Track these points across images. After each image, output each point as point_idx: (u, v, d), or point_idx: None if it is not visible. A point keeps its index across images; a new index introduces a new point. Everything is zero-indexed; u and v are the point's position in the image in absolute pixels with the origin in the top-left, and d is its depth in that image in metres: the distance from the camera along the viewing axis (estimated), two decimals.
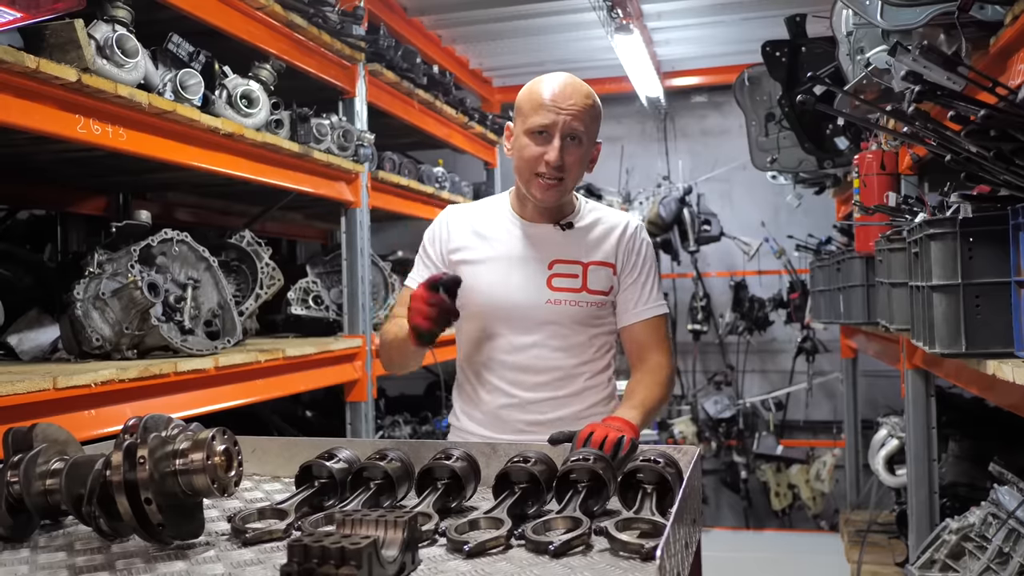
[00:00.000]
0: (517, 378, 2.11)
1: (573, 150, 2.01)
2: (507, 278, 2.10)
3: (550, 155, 1.98)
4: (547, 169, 2.00)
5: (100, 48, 2.35)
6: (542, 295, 2.08)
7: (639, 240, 2.16)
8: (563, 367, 2.10)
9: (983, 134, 1.61)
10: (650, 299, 2.14)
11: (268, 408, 4.35)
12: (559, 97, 1.99)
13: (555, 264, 2.09)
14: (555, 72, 2.07)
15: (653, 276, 2.17)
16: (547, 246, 2.11)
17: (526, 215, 2.15)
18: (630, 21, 4.82)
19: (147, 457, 1.28)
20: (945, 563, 2.69)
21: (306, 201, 4.21)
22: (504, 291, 2.09)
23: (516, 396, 2.11)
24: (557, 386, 2.10)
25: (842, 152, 4.08)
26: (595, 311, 2.11)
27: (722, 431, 6.97)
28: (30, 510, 1.41)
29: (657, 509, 1.38)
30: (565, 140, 1.99)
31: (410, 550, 1.18)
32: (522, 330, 2.09)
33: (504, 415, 2.12)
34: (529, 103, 2.02)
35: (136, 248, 2.71)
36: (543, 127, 1.99)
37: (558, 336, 2.09)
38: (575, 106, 1.99)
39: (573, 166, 2.02)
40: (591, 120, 2.03)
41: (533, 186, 2.04)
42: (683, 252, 6.81)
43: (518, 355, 2.10)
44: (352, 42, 3.76)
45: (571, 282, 2.09)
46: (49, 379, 2.12)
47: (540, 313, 2.08)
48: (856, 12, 2.34)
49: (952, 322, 2.01)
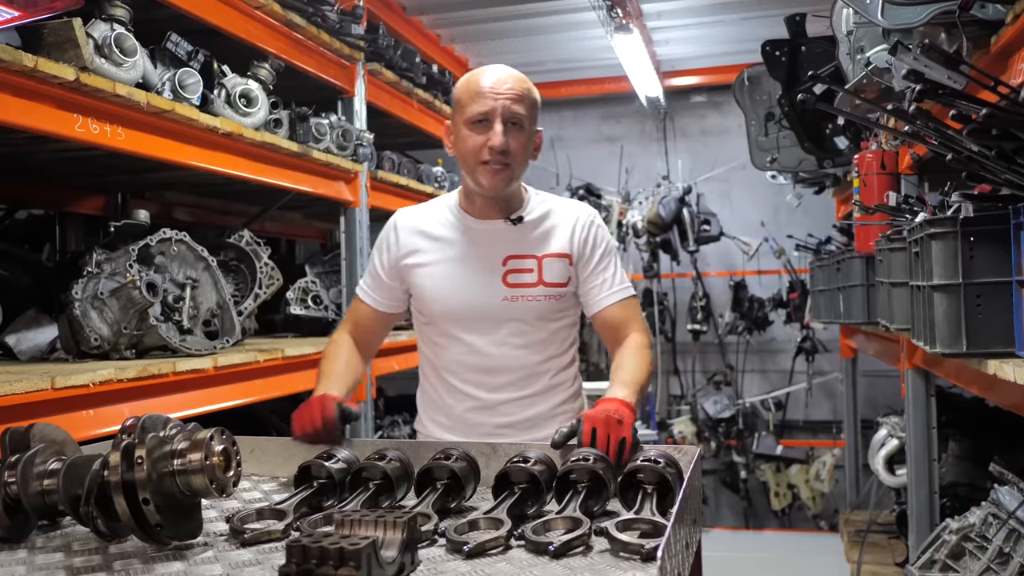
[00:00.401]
0: (481, 380, 2.08)
1: (516, 135, 1.99)
2: (461, 279, 2.07)
3: (493, 140, 1.96)
4: (491, 155, 1.97)
5: (98, 47, 2.34)
6: (498, 292, 2.05)
7: (594, 228, 2.13)
8: (527, 365, 2.08)
9: (985, 133, 1.61)
10: (615, 283, 2.11)
11: (267, 408, 4.34)
12: (496, 84, 1.99)
13: (509, 260, 2.06)
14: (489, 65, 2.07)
15: (615, 262, 2.14)
16: (499, 242, 2.08)
17: (475, 212, 2.11)
18: (630, 20, 4.81)
19: (145, 457, 1.27)
20: (945, 563, 2.69)
21: (305, 201, 4.20)
22: (459, 292, 2.07)
23: (481, 398, 2.09)
24: (523, 385, 2.08)
25: (842, 152, 4.08)
26: (554, 304, 2.08)
27: (722, 431, 6.97)
28: (27, 510, 1.41)
29: (658, 509, 1.38)
30: (507, 125, 1.98)
31: (409, 551, 1.18)
32: (482, 330, 2.07)
33: (471, 418, 2.09)
34: (467, 94, 2.01)
35: (134, 248, 2.70)
36: (483, 115, 1.97)
37: (519, 333, 2.06)
38: (512, 90, 1.99)
39: (518, 151, 2.00)
40: (530, 106, 2.02)
41: (480, 174, 2.01)
42: (683, 252, 6.80)
43: (480, 356, 2.07)
44: (351, 41, 3.76)
45: (527, 276, 2.06)
46: (47, 379, 2.12)
47: (498, 311, 2.05)
48: (857, 11, 2.34)
49: (953, 322, 2.01)
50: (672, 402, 7.45)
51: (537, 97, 2.06)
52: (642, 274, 7.15)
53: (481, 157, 1.98)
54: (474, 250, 2.08)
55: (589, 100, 7.51)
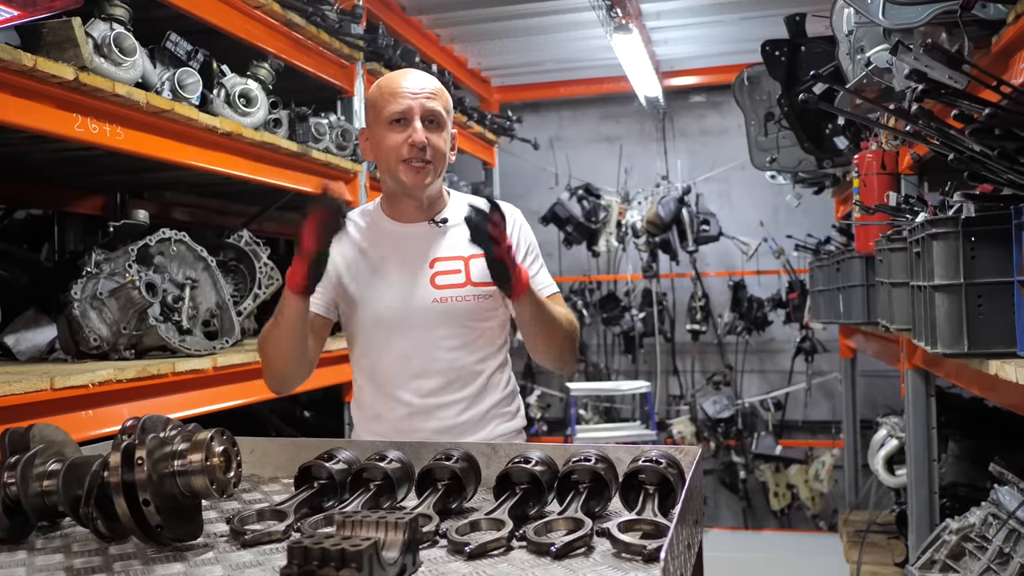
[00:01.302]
0: (416, 384, 2.05)
1: (435, 133, 2.00)
2: (390, 284, 2.05)
3: (415, 136, 1.97)
4: (412, 152, 1.98)
5: (98, 46, 2.34)
6: (427, 295, 2.03)
7: (517, 228, 2.11)
8: (462, 366, 2.05)
9: (987, 133, 1.60)
10: (540, 282, 2.09)
11: (267, 408, 4.34)
12: (411, 83, 2.01)
13: (436, 262, 2.05)
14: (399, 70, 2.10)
15: (538, 259, 2.14)
16: (425, 244, 2.07)
17: (398, 216, 2.11)
18: (629, 20, 4.81)
19: (145, 458, 1.27)
20: (945, 563, 2.69)
21: (305, 201, 4.19)
22: (389, 298, 2.05)
23: (416, 403, 2.05)
24: (458, 387, 2.05)
25: (841, 152, 4.08)
26: (484, 303, 2.06)
27: (721, 431, 6.97)
28: (27, 511, 1.40)
29: (659, 510, 1.37)
30: (425, 123, 1.99)
31: (411, 552, 1.17)
32: (414, 334, 2.04)
33: (407, 425, 2.06)
34: (381, 97, 2.02)
35: (134, 248, 2.70)
36: (400, 114, 1.98)
37: (451, 336, 2.04)
38: (426, 89, 2.01)
39: (438, 148, 2.01)
40: (446, 103, 2.04)
41: (401, 173, 2.00)
42: (682, 252, 6.80)
43: (414, 361, 2.04)
44: (350, 41, 3.75)
45: (454, 277, 2.04)
46: (46, 379, 2.11)
47: (428, 313, 2.03)
48: (858, 11, 2.34)
49: (954, 322, 2.01)
50: (671, 402, 7.45)
51: (450, 97, 2.09)
52: (641, 274, 7.16)
53: (402, 155, 1.99)
54: (400, 253, 2.07)
55: (588, 100, 7.51)
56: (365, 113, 2.10)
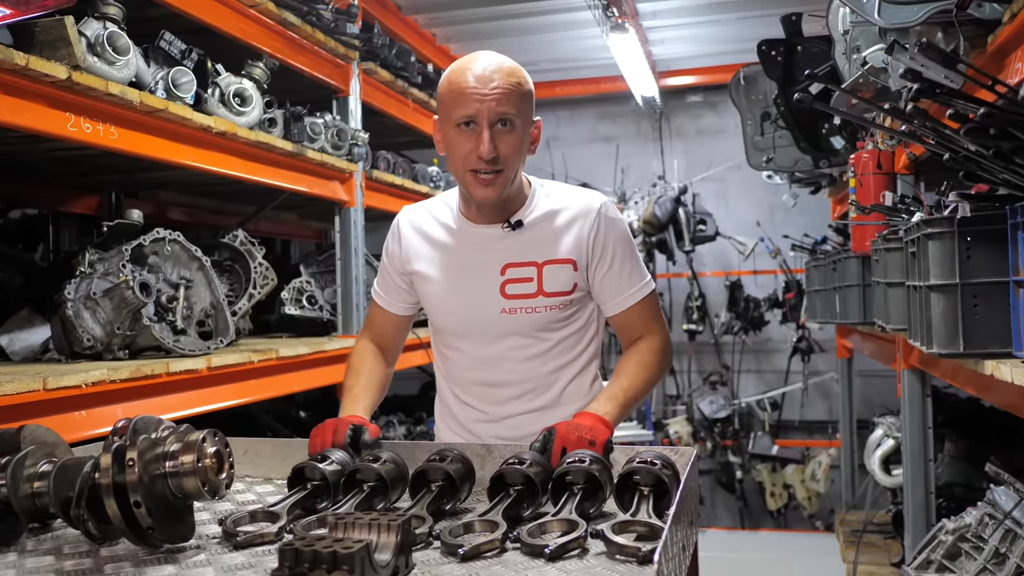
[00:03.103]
0: (486, 393, 1.98)
1: (506, 137, 1.81)
2: (459, 290, 1.96)
3: (482, 148, 1.78)
4: (481, 164, 1.80)
5: (91, 45, 2.33)
6: (496, 305, 1.92)
7: (606, 225, 1.94)
8: (534, 377, 1.96)
9: (983, 132, 1.60)
10: (632, 283, 1.96)
11: (262, 409, 4.33)
12: (481, 81, 1.79)
13: (508, 268, 1.92)
14: (476, 53, 1.87)
15: (631, 258, 1.97)
16: (497, 249, 1.93)
17: (472, 216, 1.96)
18: (625, 20, 4.80)
19: (136, 460, 1.26)
20: (941, 563, 2.68)
21: (300, 200, 4.19)
22: (457, 304, 1.96)
23: (488, 411, 1.99)
24: (529, 398, 1.96)
25: (838, 151, 4.07)
26: (556, 314, 1.93)
27: (717, 431, 6.97)
28: (17, 513, 1.39)
29: (654, 511, 1.37)
30: (495, 128, 1.80)
31: (404, 554, 1.16)
32: (483, 343, 1.96)
33: (478, 430, 2.00)
34: (450, 93, 1.82)
35: (128, 247, 2.69)
36: (468, 117, 1.79)
37: (521, 346, 1.94)
38: (499, 88, 1.79)
39: (510, 155, 1.82)
40: (521, 100, 1.82)
41: (470, 185, 1.85)
42: (678, 252, 6.80)
43: (484, 370, 1.97)
44: (346, 40, 3.75)
45: (526, 287, 1.91)
46: (39, 380, 2.10)
47: (497, 324, 1.93)
48: (854, 10, 2.33)
49: (950, 322, 2.00)
50: (668, 402, 7.45)
51: (529, 87, 1.86)
52: None
53: (469, 165, 1.82)
54: (472, 258, 1.95)
55: (585, 100, 7.50)
56: (437, 102, 1.91)
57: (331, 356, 3.67)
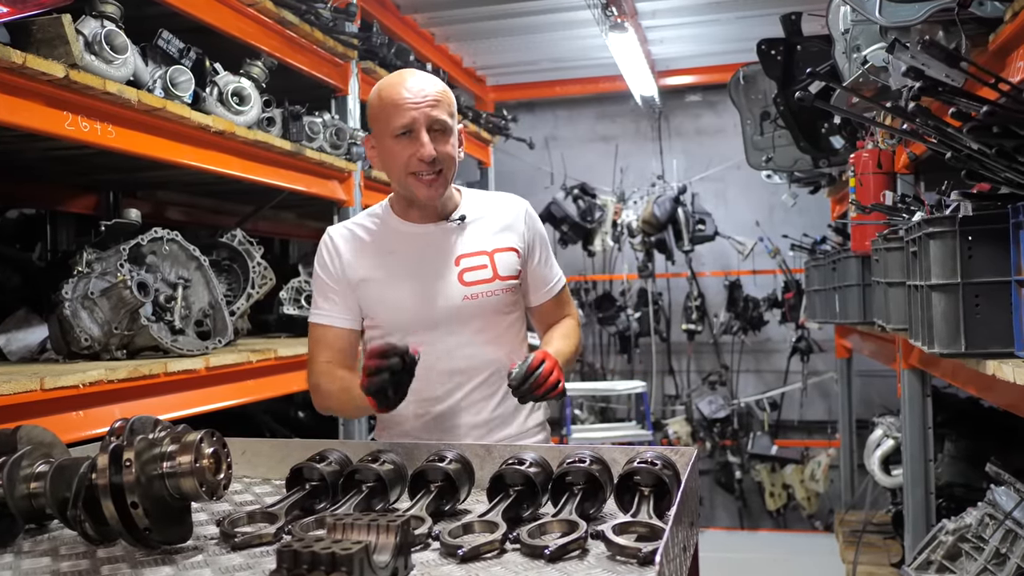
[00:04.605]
0: (450, 382, 2.04)
1: (442, 141, 1.97)
2: (419, 285, 2.03)
3: (422, 151, 1.94)
4: (422, 166, 1.95)
5: (88, 44, 2.32)
6: (457, 292, 2.04)
7: (532, 222, 2.17)
8: (493, 360, 2.05)
9: (985, 131, 1.59)
10: (554, 274, 2.20)
11: (260, 409, 4.32)
12: (412, 91, 1.95)
13: (461, 259, 2.06)
14: (400, 71, 2.04)
15: (550, 253, 2.22)
16: (447, 243, 2.07)
17: (414, 218, 2.08)
18: (624, 19, 4.80)
19: (133, 460, 1.25)
20: (941, 564, 2.68)
21: (298, 200, 4.17)
22: (420, 299, 2.03)
23: (450, 401, 2.04)
24: (491, 381, 2.06)
25: (838, 151, 4.07)
26: (509, 297, 2.09)
27: (717, 431, 6.97)
28: (14, 514, 1.38)
29: (655, 512, 1.36)
30: (432, 133, 1.96)
31: (403, 555, 1.16)
32: (447, 333, 2.03)
33: (452, 421, 2.05)
34: (383, 108, 1.97)
35: (125, 247, 2.68)
36: (405, 127, 1.94)
37: (482, 330, 2.06)
38: (430, 96, 1.96)
39: (447, 157, 1.99)
40: (450, 107, 2.02)
41: (413, 187, 1.99)
42: (677, 252, 6.80)
43: (447, 359, 2.03)
44: (345, 39, 3.74)
45: (482, 273, 2.05)
46: (36, 380, 2.09)
47: (460, 311, 2.03)
48: (854, 8, 2.32)
49: (951, 322, 2.00)
50: (667, 402, 7.44)
51: (453, 96, 2.06)
52: (637, 274, 7.15)
53: (411, 169, 1.97)
54: (423, 255, 2.05)
55: (584, 99, 7.50)
56: (368, 120, 2.05)
57: None
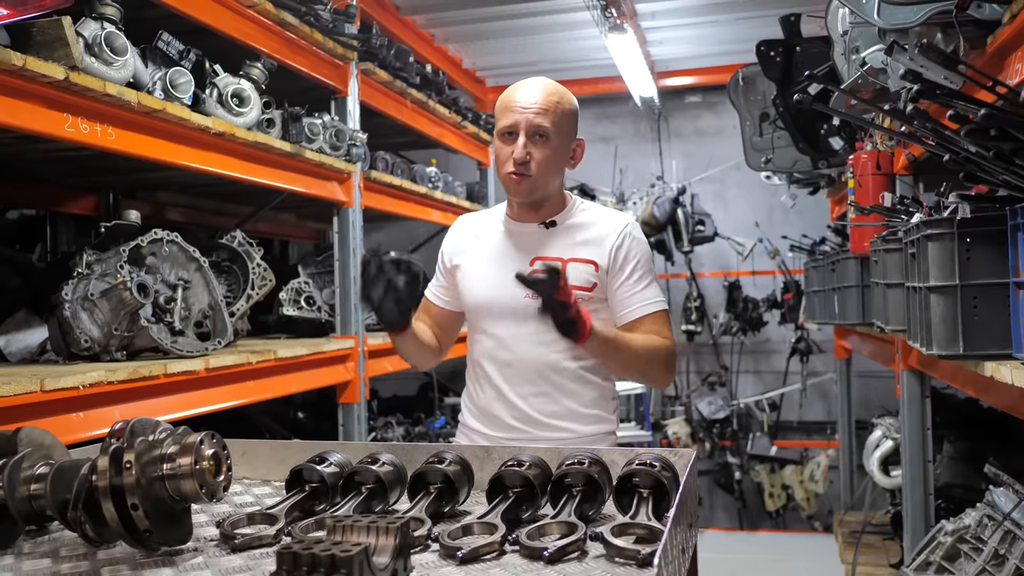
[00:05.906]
0: (506, 374, 2.18)
1: (538, 147, 2.09)
2: (490, 275, 2.20)
3: (516, 153, 2.08)
4: (513, 166, 2.09)
5: (88, 46, 2.32)
6: (521, 291, 2.08)
7: (630, 240, 2.19)
8: (549, 362, 2.15)
9: (982, 133, 1.59)
10: (646, 295, 2.17)
11: (260, 410, 4.32)
12: (523, 98, 2.10)
13: (536, 261, 2.12)
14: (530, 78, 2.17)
15: (648, 274, 2.19)
16: (530, 244, 2.19)
17: (514, 216, 2.25)
18: (624, 20, 4.80)
19: (134, 462, 1.25)
20: (940, 565, 2.68)
21: (298, 201, 4.18)
22: (486, 288, 2.20)
23: (503, 392, 2.18)
24: (539, 381, 2.16)
25: (837, 152, 4.07)
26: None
27: (716, 432, 6.96)
28: (14, 516, 1.38)
29: (653, 514, 1.36)
30: (532, 138, 2.08)
31: (402, 557, 1.16)
32: (507, 326, 2.17)
33: (494, 410, 2.20)
34: (498, 110, 2.15)
35: (125, 248, 2.68)
36: (509, 128, 2.10)
37: (539, 331, 2.10)
38: (537, 104, 2.09)
39: (540, 162, 2.09)
40: (558, 117, 2.10)
41: (505, 184, 2.15)
42: (677, 252, 6.80)
43: (503, 350, 2.18)
44: (344, 41, 3.74)
45: None
46: (36, 381, 2.09)
47: (520, 308, 2.11)
48: (853, 11, 2.33)
49: (950, 323, 2.00)
50: (666, 403, 7.44)
51: (569, 107, 2.15)
52: None
53: (505, 168, 2.11)
54: (507, 250, 2.21)
55: (583, 100, 7.33)
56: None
57: (329, 357, 3.67)
